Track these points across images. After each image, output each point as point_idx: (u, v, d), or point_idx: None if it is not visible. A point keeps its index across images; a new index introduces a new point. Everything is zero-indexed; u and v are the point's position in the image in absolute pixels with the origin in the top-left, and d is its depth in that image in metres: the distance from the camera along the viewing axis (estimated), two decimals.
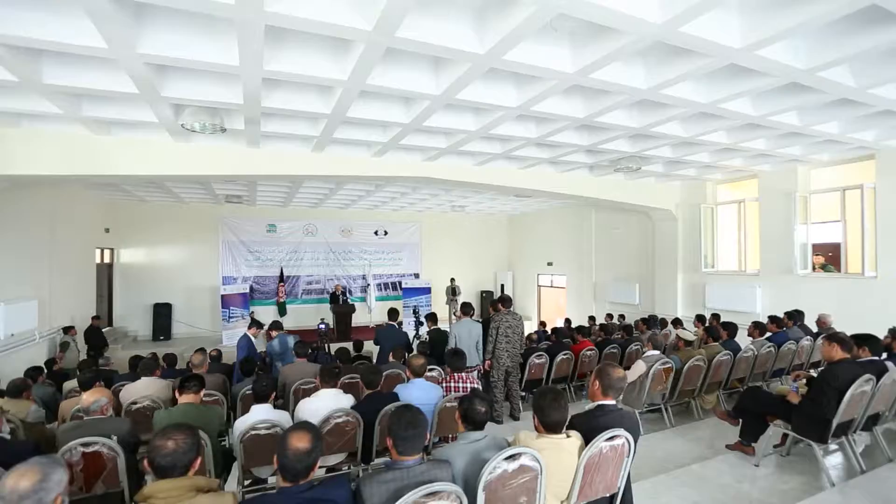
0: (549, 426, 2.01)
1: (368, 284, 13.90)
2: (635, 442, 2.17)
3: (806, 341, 5.45)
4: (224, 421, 3.01)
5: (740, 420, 3.73)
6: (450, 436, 3.55)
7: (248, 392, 4.32)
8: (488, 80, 4.36)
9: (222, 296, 11.27)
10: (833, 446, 3.72)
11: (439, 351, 5.51)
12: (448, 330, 5.75)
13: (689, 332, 6.76)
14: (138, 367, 4.24)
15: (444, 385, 3.56)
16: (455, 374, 3.61)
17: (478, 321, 5.46)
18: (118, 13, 2.97)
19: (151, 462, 1.51)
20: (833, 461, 3.60)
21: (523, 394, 6.26)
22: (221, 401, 4.20)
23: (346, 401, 3.24)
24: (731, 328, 5.14)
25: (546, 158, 7.13)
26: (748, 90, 4.26)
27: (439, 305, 14.05)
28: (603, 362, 2.49)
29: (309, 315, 13.46)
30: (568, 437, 2.03)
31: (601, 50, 3.51)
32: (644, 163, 7.33)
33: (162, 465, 1.49)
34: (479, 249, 15.93)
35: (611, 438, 2.05)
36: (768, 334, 5.43)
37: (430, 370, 5.08)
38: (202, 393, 2.98)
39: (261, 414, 2.94)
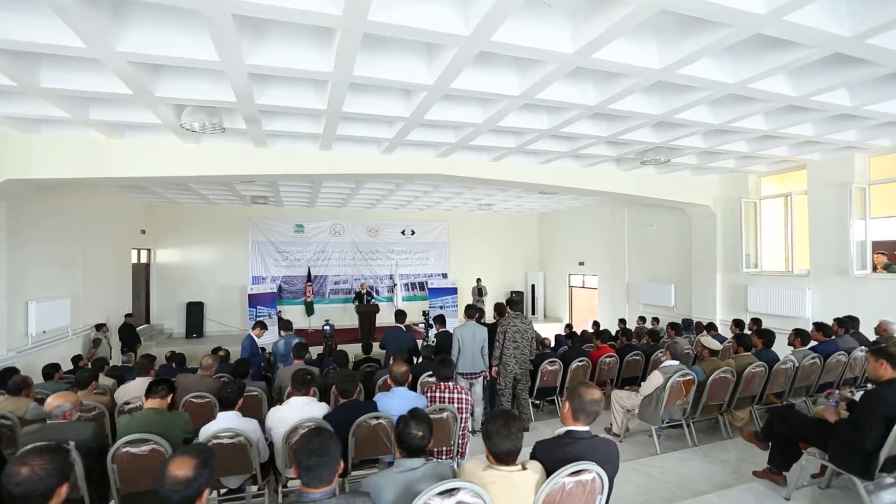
0: (498, 456, 1.72)
1: (395, 284, 13.87)
2: (611, 477, 1.83)
3: (860, 352, 4.76)
4: (189, 427, 2.90)
5: (770, 444, 3.24)
6: (435, 450, 3.30)
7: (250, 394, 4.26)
8: (484, 66, 4.07)
9: (250, 295, 11.53)
10: (888, 479, 3.14)
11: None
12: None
13: (721, 338, 6.17)
14: (133, 367, 4.27)
15: (428, 395, 3.31)
16: (442, 384, 3.34)
17: (484, 325, 5.15)
18: (89, 10, 2.93)
19: (2, 489, 1.36)
20: (885, 499, 3.03)
21: (537, 402, 5.92)
22: (213, 403, 4.13)
23: (319, 409, 3.06)
24: (768, 336, 4.56)
25: (565, 152, 6.70)
26: (782, 65, 3.71)
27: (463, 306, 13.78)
28: (576, 381, 2.16)
29: (336, 314, 13.53)
30: (524, 469, 1.73)
31: (600, 25, 3.13)
32: (674, 154, 6.76)
33: (13, 493, 1.34)
34: (509, 248, 15.51)
35: (577, 473, 1.73)
36: (813, 343, 4.79)
37: (431, 376, 4.85)
38: (170, 398, 2.89)
39: (225, 422, 2.80)
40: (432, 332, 7.91)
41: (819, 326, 4.89)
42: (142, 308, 11.44)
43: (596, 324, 9.51)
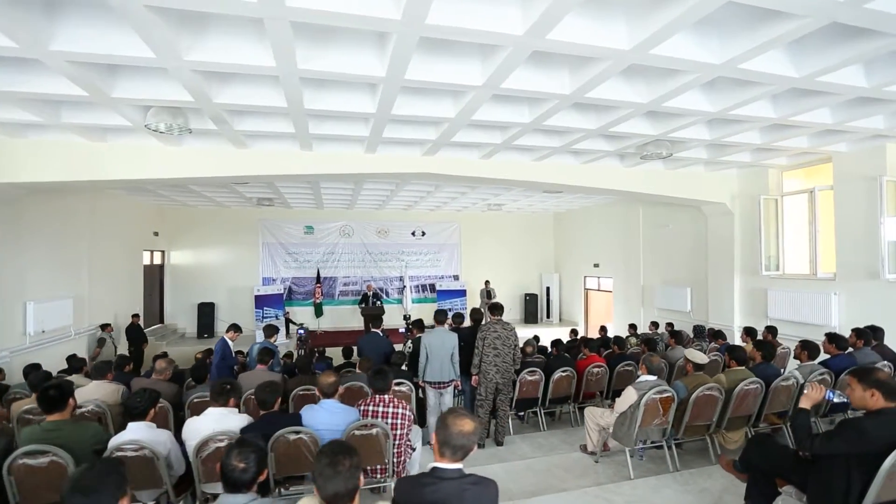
0: (326, 500, 1.45)
1: (405, 286, 13.72)
2: None
3: (885, 369, 4.15)
4: (100, 438, 2.77)
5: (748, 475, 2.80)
6: (369, 468, 3.05)
7: (195, 400, 4.18)
8: (440, 54, 3.80)
9: (256, 296, 11.63)
10: None
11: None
12: None
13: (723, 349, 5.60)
14: (90, 370, 4.23)
15: (361, 408, 3.06)
16: (377, 397, 3.08)
17: (454, 331, 4.85)
18: (12, 10, 2.86)
19: None
20: None
21: (521, 414, 5.58)
22: (167, 409, 4.05)
23: (237, 421, 2.87)
24: (767, 349, 4.04)
25: (558, 147, 6.31)
26: (774, 40, 3.23)
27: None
28: (448, 409, 1.84)
29: (346, 316, 13.55)
30: None
31: None
32: (677, 148, 6.25)
33: None
34: (524, 250, 15.07)
35: None
36: (825, 357, 4.23)
37: (399, 384, 4.62)
38: (71, 405, 2.75)
39: (133, 433, 2.66)
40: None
41: (832, 338, 4.30)
42: (156, 308, 11.76)
43: (603, 329, 9.01)
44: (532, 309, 14.46)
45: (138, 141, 5.73)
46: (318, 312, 12.98)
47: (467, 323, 6.14)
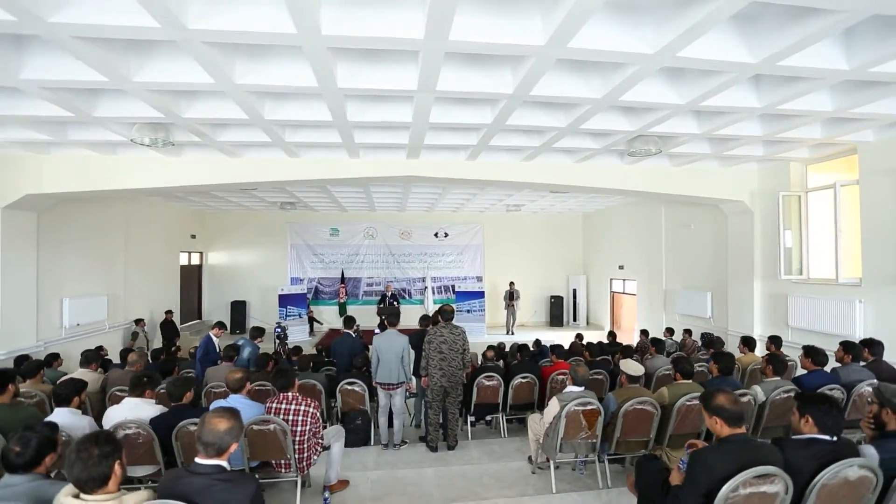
0: (76, 484, 1.55)
1: (426, 287, 13.90)
2: None
3: (868, 388, 3.64)
4: (32, 421, 3.10)
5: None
6: (273, 462, 3.18)
7: (161, 391, 4.53)
8: (373, 61, 3.86)
9: (280, 295, 12.26)
10: None
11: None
12: None
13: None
14: (80, 359, 4.73)
15: (267, 406, 3.19)
16: (280, 395, 3.20)
17: (404, 334, 4.86)
18: None
19: None
20: None
21: (488, 419, 5.49)
22: None
23: (150, 411, 3.11)
24: (725, 361, 3.67)
25: (539, 146, 6.12)
26: (703, 21, 2.91)
27: (496, 310, 13.36)
28: (214, 408, 1.87)
29: (369, 316, 13.89)
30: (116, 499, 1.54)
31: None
32: (668, 144, 5.85)
33: None
34: (550, 251, 14.71)
35: None
36: (801, 372, 3.78)
37: (351, 384, 4.74)
38: (10, 388, 3.12)
39: (55, 418, 2.96)
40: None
41: (809, 351, 3.82)
42: (194, 305, 12.79)
43: (612, 334, 8.58)
44: (557, 312, 14.04)
45: (142, 154, 6.29)
46: (342, 312, 13.45)
47: None
